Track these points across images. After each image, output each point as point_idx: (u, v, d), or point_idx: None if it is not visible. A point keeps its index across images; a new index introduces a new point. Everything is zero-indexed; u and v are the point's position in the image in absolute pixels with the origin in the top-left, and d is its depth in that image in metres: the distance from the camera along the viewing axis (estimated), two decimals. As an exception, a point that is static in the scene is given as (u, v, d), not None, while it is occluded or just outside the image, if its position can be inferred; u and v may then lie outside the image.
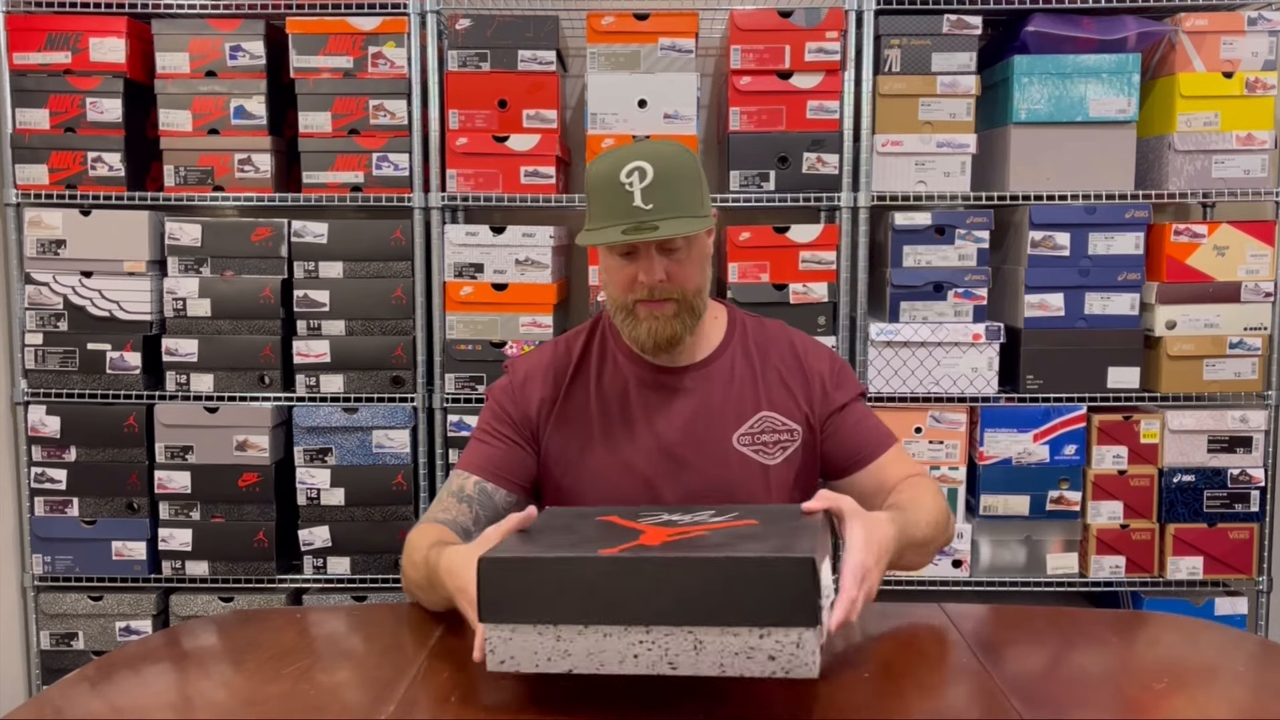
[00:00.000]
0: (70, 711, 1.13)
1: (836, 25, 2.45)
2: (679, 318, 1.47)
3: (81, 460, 2.54)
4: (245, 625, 1.41)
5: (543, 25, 2.47)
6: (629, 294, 1.47)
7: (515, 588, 1.04)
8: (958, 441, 2.49)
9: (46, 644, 2.57)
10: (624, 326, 1.51)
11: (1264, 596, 2.53)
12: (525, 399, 1.57)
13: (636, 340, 1.50)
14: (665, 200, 1.39)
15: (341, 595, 2.58)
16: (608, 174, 1.41)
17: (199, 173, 2.53)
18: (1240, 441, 2.48)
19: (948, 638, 1.31)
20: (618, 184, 1.40)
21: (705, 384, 1.55)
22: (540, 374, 1.58)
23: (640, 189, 1.38)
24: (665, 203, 1.39)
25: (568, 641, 1.04)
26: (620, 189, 1.39)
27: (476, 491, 1.52)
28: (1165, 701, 1.14)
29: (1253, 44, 2.44)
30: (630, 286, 1.46)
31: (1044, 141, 2.46)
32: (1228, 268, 2.46)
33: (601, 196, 1.42)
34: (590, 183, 1.45)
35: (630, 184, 1.39)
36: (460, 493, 1.52)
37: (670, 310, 1.46)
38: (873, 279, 2.57)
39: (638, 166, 1.39)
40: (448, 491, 1.53)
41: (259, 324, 2.53)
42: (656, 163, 1.40)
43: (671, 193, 1.40)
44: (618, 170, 1.40)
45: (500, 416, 1.57)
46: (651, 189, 1.38)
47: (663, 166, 1.40)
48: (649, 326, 1.47)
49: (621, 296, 1.48)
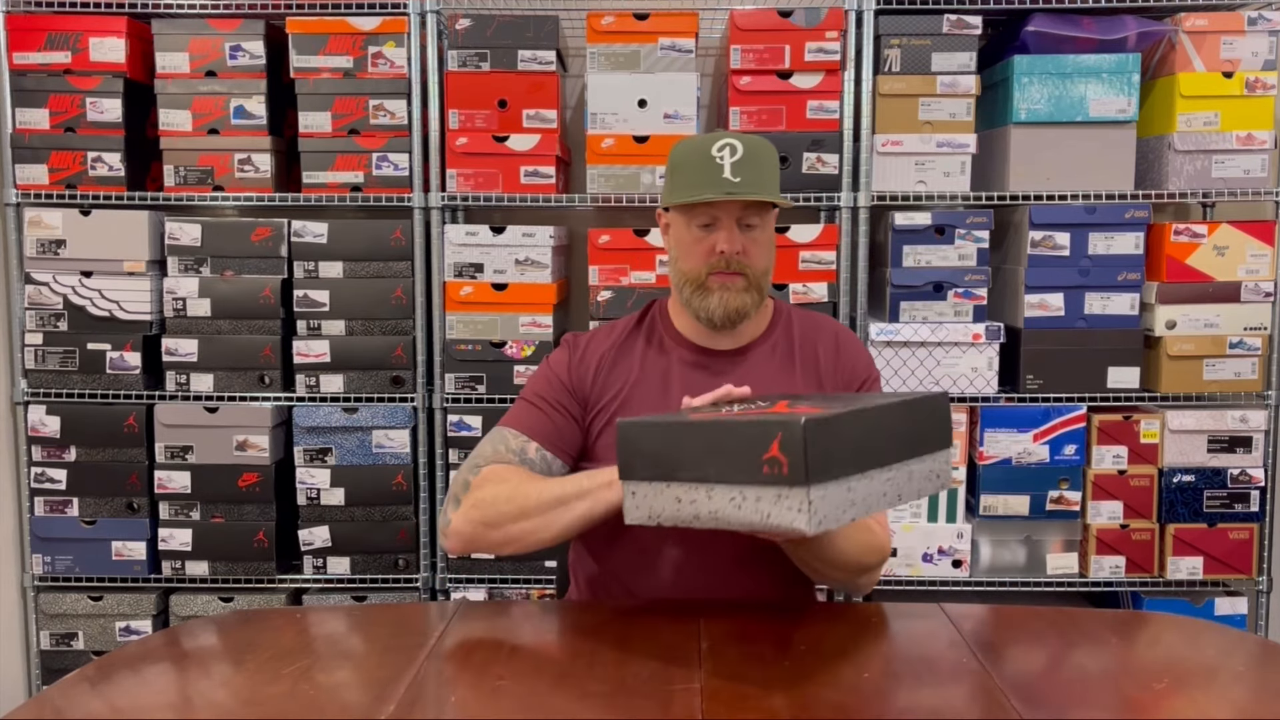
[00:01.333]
0: (70, 711, 1.13)
1: (836, 25, 2.45)
2: (748, 292, 1.54)
3: (81, 460, 2.54)
4: (245, 625, 1.41)
5: (543, 25, 2.47)
6: (704, 264, 1.52)
7: (652, 449, 1.21)
8: (958, 441, 2.49)
9: (46, 644, 2.57)
10: (692, 299, 1.55)
11: (1264, 597, 2.53)
12: (583, 371, 1.60)
13: (706, 310, 1.54)
14: (753, 177, 1.48)
15: (341, 595, 2.58)
16: (699, 148, 1.51)
17: (199, 173, 2.53)
18: (1240, 441, 2.48)
19: (948, 638, 1.31)
20: (709, 157, 1.49)
21: (742, 368, 1.59)
22: (598, 348, 1.62)
23: (730, 163, 1.48)
24: (753, 179, 1.48)
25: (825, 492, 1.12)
26: (711, 161, 1.48)
27: (539, 458, 1.54)
28: (1165, 702, 1.14)
29: (1253, 44, 2.44)
30: (707, 257, 1.52)
31: (1044, 141, 2.46)
32: (1228, 268, 2.46)
33: (692, 168, 1.50)
34: (677, 157, 1.54)
35: (721, 158, 1.48)
36: (523, 454, 1.53)
37: (741, 284, 1.53)
38: (873, 279, 2.57)
39: (729, 143, 1.49)
40: (506, 448, 1.54)
41: (259, 324, 2.53)
42: (745, 143, 1.50)
43: (758, 170, 1.49)
44: (709, 145, 1.50)
45: (557, 386, 1.59)
46: (741, 164, 1.48)
47: (751, 147, 1.50)
48: (720, 297, 1.53)
49: (697, 267, 1.53)
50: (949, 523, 2.52)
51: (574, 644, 1.34)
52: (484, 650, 1.29)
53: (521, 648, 1.32)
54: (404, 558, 2.55)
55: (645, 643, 1.27)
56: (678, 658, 1.22)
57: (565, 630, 1.40)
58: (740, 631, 1.31)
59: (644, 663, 1.22)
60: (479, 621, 1.39)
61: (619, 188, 2.48)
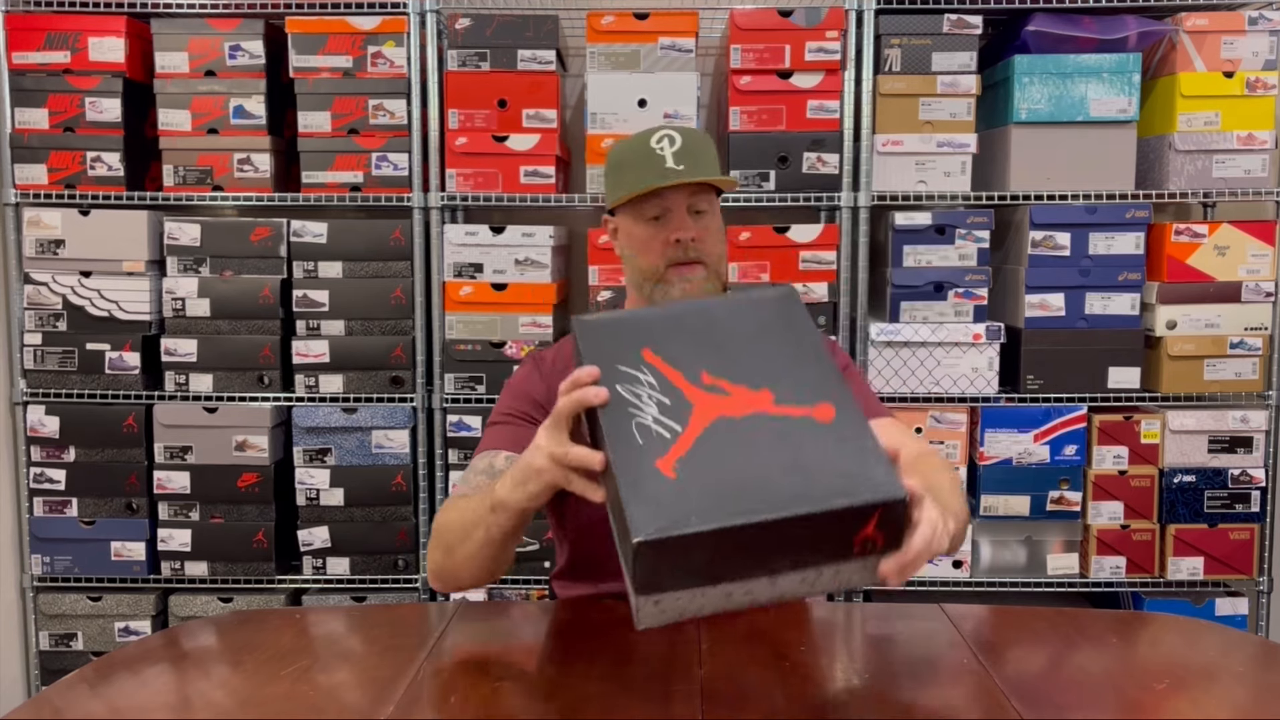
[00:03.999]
0: (69, 712, 1.12)
1: (836, 25, 2.45)
2: (709, 280, 1.52)
3: (81, 460, 2.53)
4: (244, 626, 1.41)
5: (542, 25, 2.47)
6: (662, 258, 1.51)
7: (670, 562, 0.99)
8: (958, 442, 2.49)
9: (46, 644, 2.57)
10: (654, 294, 1.53)
11: (1264, 597, 2.53)
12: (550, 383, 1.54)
13: None
14: (694, 163, 1.48)
15: (341, 596, 2.57)
16: (637, 144, 1.50)
17: (198, 172, 2.53)
18: (1241, 442, 2.47)
19: (948, 638, 1.31)
20: (649, 149, 1.48)
21: None
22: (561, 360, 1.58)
23: (671, 152, 1.48)
24: (694, 165, 1.48)
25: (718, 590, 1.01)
26: (652, 153, 1.48)
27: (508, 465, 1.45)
28: (1166, 702, 1.14)
29: (1253, 44, 2.44)
30: (664, 249, 1.50)
31: (1044, 141, 2.46)
32: (1228, 268, 2.45)
33: (632, 165, 1.50)
34: (618, 156, 1.53)
35: (661, 149, 1.48)
36: (491, 469, 1.46)
37: (701, 273, 1.52)
38: (873, 279, 2.56)
39: (666, 134, 1.49)
40: (474, 472, 1.48)
41: (258, 324, 2.52)
42: (683, 133, 1.49)
43: (699, 158, 1.49)
44: (647, 139, 1.49)
45: (521, 397, 1.55)
46: (681, 153, 1.48)
47: (689, 137, 1.49)
48: (682, 289, 1.51)
49: (655, 262, 1.51)
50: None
51: (574, 644, 1.33)
52: (484, 650, 1.29)
53: (521, 648, 1.32)
54: (403, 558, 2.55)
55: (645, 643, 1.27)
56: (678, 658, 1.22)
57: (565, 630, 1.40)
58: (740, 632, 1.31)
59: (644, 663, 1.21)
60: (478, 622, 1.38)
61: (619, 188, 2.48)
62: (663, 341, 1.12)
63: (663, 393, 1.08)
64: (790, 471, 1.00)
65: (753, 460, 1.01)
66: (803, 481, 0.99)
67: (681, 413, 1.06)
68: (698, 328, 1.14)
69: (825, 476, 0.99)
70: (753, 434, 1.04)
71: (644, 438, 1.04)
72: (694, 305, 1.19)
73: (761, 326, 1.14)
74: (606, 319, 1.16)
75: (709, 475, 1.00)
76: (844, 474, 0.99)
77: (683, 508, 0.97)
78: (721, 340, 1.12)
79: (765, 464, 1.00)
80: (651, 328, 1.14)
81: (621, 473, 1.01)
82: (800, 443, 1.02)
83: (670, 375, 1.09)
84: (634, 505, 0.97)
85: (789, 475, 0.99)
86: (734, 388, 1.08)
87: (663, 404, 1.07)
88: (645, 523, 0.96)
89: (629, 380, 1.09)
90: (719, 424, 1.05)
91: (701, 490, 0.98)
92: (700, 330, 1.13)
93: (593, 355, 1.11)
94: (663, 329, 1.13)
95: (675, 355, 1.11)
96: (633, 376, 1.09)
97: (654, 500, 0.98)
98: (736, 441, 1.03)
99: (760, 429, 1.04)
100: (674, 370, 1.10)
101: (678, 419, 1.05)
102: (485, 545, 1.30)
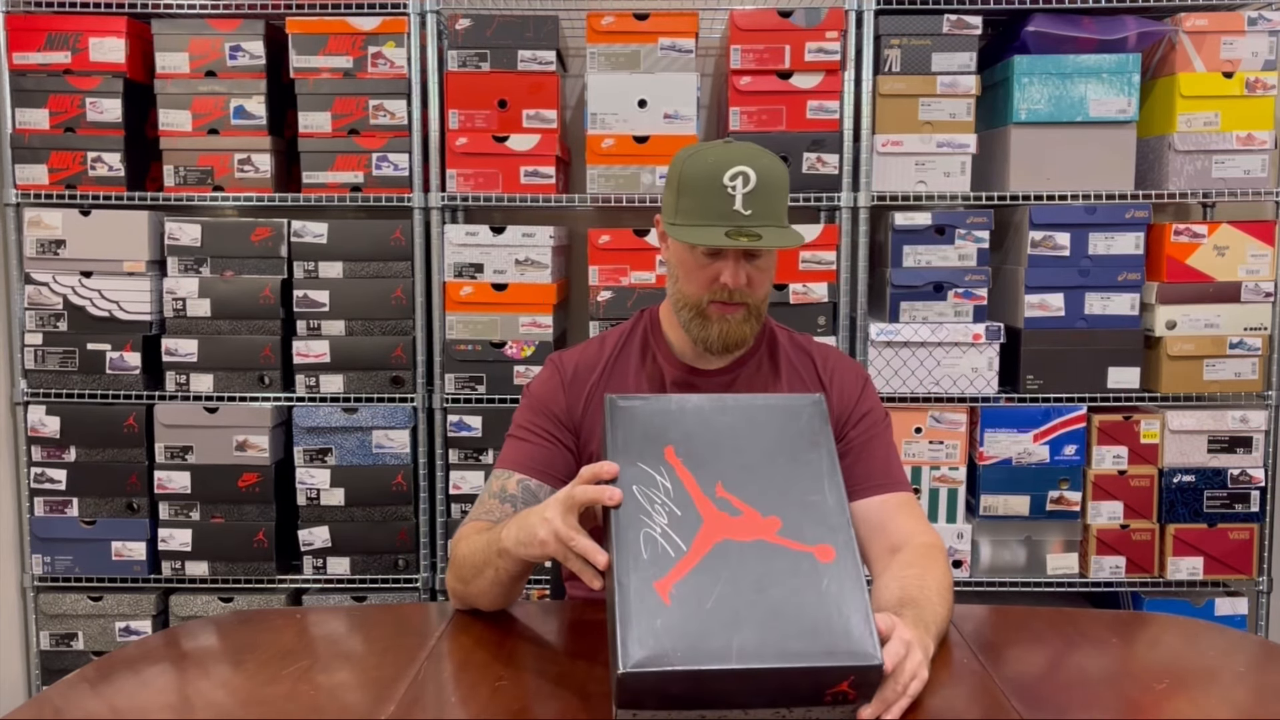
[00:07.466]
0: (70, 712, 1.13)
1: (836, 25, 2.45)
2: (748, 322, 1.49)
3: (81, 460, 2.54)
4: (244, 626, 1.41)
5: (543, 25, 2.47)
6: (706, 292, 1.47)
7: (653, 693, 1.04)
8: (958, 442, 2.49)
9: (46, 644, 2.57)
10: (691, 324, 1.50)
11: (1264, 597, 2.53)
12: (574, 393, 1.55)
13: (705, 340, 1.50)
14: (764, 209, 1.41)
15: (341, 595, 2.58)
16: (710, 173, 1.41)
17: (199, 173, 2.53)
18: (1240, 442, 2.47)
19: (948, 638, 1.31)
20: (720, 185, 1.40)
21: (730, 387, 1.56)
22: (588, 372, 1.57)
23: (742, 194, 1.40)
24: (763, 211, 1.41)
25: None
26: (723, 191, 1.40)
27: (520, 490, 1.48)
28: (1166, 702, 1.14)
29: (1253, 44, 2.44)
30: (709, 286, 1.47)
31: (1044, 141, 2.46)
32: (1228, 268, 2.46)
33: (701, 194, 1.42)
34: (687, 179, 1.45)
35: (733, 188, 1.40)
36: (503, 493, 1.48)
37: (741, 315, 1.48)
38: (873, 279, 2.57)
39: (741, 171, 1.40)
40: (489, 493, 1.50)
41: (259, 324, 2.53)
42: (759, 170, 1.41)
43: (770, 202, 1.41)
44: (721, 171, 1.41)
45: (541, 412, 1.54)
46: (753, 196, 1.40)
47: (764, 175, 1.41)
48: (720, 329, 1.48)
49: (697, 295, 1.48)
50: (949, 523, 2.52)
51: (574, 644, 1.33)
52: (484, 650, 1.29)
53: (521, 648, 1.32)
54: (404, 558, 2.55)
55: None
56: (678, 658, 1.22)
57: (565, 630, 1.40)
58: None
59: (644, 663, 1.21)
60: (479, 621, 1.39)
61: (619, 188, 2.48)
62: (686, 441, 1.17)
63: (675, 502, 1.12)
64: (774, 618, 1.04)
65: (744, 597, 1.05)
66: (782, 634, 1.03)
67: (689, 529, 1.10)
68: (722, 429, 1.19)
69: (805, 631, 1.03)
70: (752, 565, 1.08)
71: (649, 551, 1.08)
72: (723, 403, 1.22)
73: (784, 439, 1.19)
74: (639, 407, 1.20)
75: (700, 608, 1.04)
76: (826, 631, 1.03)
77: (668, 643, 1.01)
78: (743, 446, 1.18)
79: (754, 605, 1.04)
80: (679, 424, 1.18)
81: (621, 585, 1.06)
82: (794, 586, 1.06)
83: (686, 482, 1.14)
84: (626, 630, 1.02)
85: (772, 623, 1.03)
86: (745, 507, 1.13)
87: (674, 515, 1.11)
88: (632, 654, 1.00)
89: (646, 481, 1.14)
90: (722, 548, 1.09)
91: (687, 627, 1.02)
92: (725, 432, 1.19)
93: (617, 444, 1.16)
94: (688, 427, 1.18)
95: (696, 459, 1.15)
96: (650, 477, 1.14)
97: (646, 629, 1.02)
98: (733, 574, 1.07)
99: (760, 559, 1.08)
100: (691, 476, 1.14)
101: (684, 535, 1.10)
102: (495, 584, 1.35)
